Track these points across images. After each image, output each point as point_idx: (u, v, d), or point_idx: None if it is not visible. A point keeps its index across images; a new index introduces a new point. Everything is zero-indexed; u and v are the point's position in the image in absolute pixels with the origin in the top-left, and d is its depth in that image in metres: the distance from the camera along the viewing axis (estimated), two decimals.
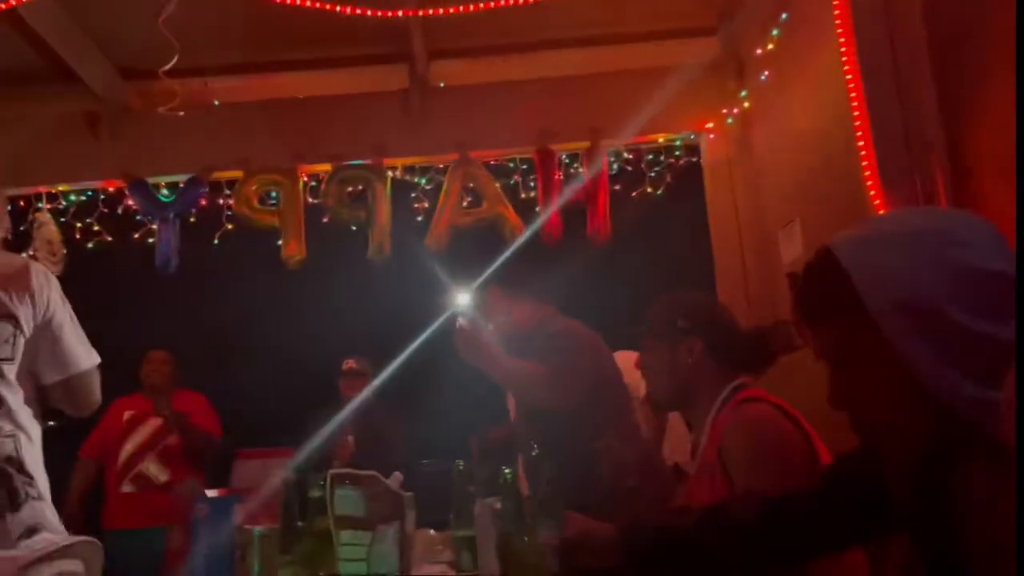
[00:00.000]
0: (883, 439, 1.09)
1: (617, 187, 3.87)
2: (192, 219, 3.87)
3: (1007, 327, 0.94)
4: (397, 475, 1.70)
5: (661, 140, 3.78)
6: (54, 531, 1.40)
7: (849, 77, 2.34)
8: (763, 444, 1.60)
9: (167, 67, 3.11)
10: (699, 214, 3.85)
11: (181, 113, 3.38)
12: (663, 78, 3.63)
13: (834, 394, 1.08)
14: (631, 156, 3.88)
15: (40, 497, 1.35)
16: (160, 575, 1.57)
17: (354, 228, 3.76)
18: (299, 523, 1.78)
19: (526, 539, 1.23)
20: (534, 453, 2.13)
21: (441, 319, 2.69)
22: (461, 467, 1.89)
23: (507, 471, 1.32)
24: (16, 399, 1.76)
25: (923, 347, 0.95)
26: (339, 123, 3.81)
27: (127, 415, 4.01)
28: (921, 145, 2.16)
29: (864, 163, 2.26)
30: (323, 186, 3.69)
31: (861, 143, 2.27)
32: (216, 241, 3.91)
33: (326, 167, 3.75)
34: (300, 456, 4.00)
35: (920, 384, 0.97)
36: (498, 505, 1.59)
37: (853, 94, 2.35)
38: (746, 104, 3.51)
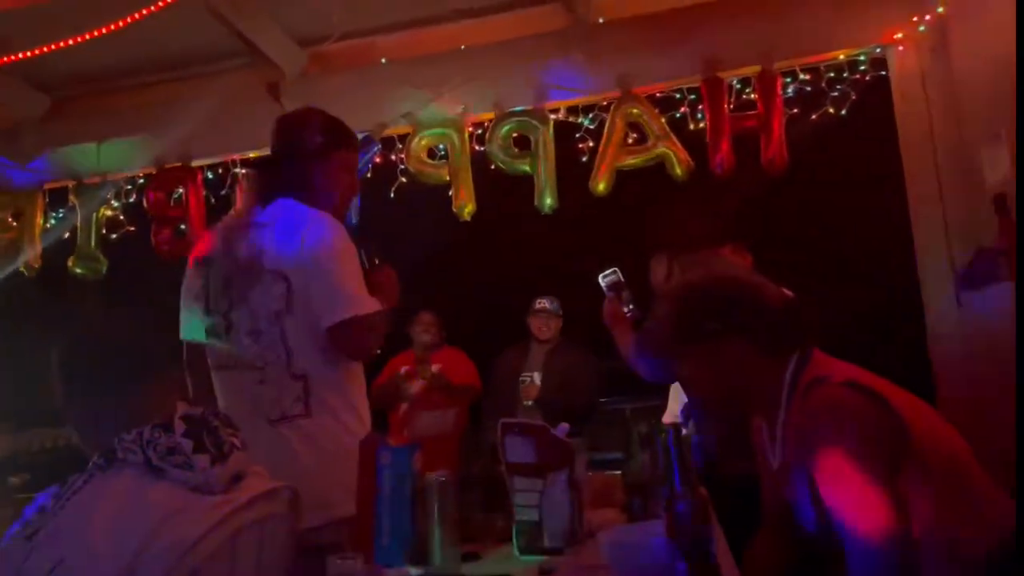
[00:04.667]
0: None
1: (795, 110, 3.62)
2: (368, 175, 4.05)
3: None
4: (564, 426, 1.73)
5: (842, 57, 3.46)
6: (258, 476, 1.49)
7: None
8: (834, 450, 1.41)
9: (329, 42, 3.23)
10: (888, 135, 3.53)
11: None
12: None
13: None
14: (808, 76, 3.60)
15: (243, 447, 1.47)
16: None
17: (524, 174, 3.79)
18: (476, 469, 1.87)
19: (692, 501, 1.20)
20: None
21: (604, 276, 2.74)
22: (628, 412, 1.90)
23: (662, 432, 1.29)
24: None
25: None
26: (501, 69, 3.81)
27: (403, 370, 4.39)
28: None
29: None
30: (487, 135, 3.73)
31: None
32: (392, 195, 4.07)
33: (491, 116, 3.79)
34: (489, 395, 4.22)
35: None
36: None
37: None
38: (940, 8, 3.14)
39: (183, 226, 4.10)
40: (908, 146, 3.40)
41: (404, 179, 3.99)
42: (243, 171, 4.08)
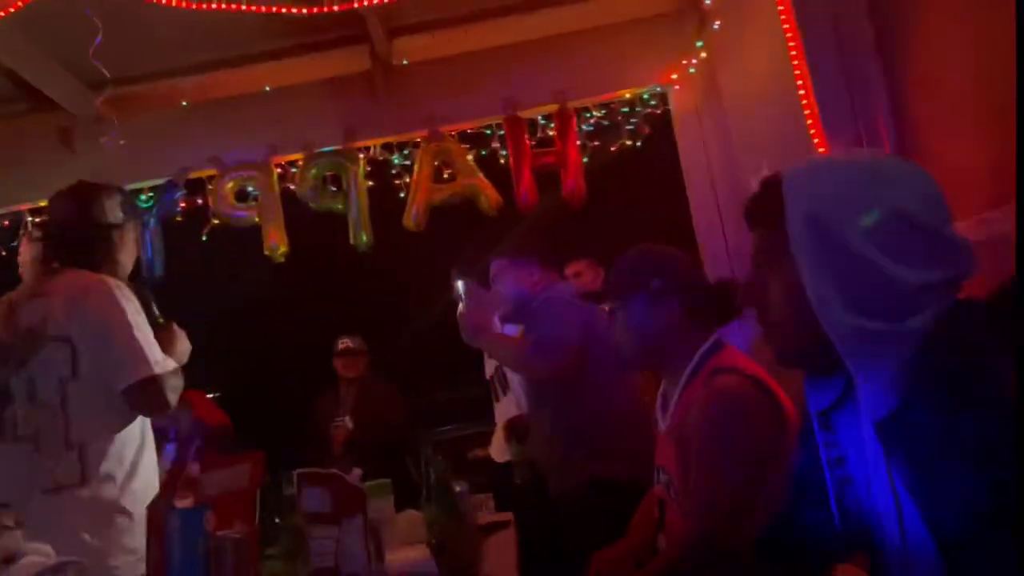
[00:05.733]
0: (778, 342, 1.17)
1: (595, 143, 3.86)
2: (179, 219, 3.93)
3: (912, 271, 1.00)
4: (357, 471, 1.78)
5: (628, 95, 3.74)
6: (39, 554, 1.46)
7: (784, 20, 2.32)
8: (723, 429, 1.58)
9: (101, 97, 3.17)
10: (678, 166, 3.83)
11: (123, 142, 3.46)
12: (625, 33, 3.62)
13: (744, 291, 1.20)
14: (603, 113, 3.86)
15: (16, 526, 1.42)
16: None
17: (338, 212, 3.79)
18: (277, 521, 1.87)
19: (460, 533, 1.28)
20: None
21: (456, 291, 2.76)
22: (430, 451, 1.98)
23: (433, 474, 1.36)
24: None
25: (811, 260, 1.04)
26: (307, 111, 3.82)
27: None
28: (860, 88, 2.15)
29: (807, 111, 2.26)
30: (297, 176, 3.71)
31: (802, 91, 2.26)
32: (205, 238, 3.95)
33: (300, 156, 3.78)
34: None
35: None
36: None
37: (789, 35, 2.34)
38: (704, 54, 3.46)
39: None
40: (690, 177, 3.71)
41: (216, 220, 3.90)
42: (33, 220, 3.84)
